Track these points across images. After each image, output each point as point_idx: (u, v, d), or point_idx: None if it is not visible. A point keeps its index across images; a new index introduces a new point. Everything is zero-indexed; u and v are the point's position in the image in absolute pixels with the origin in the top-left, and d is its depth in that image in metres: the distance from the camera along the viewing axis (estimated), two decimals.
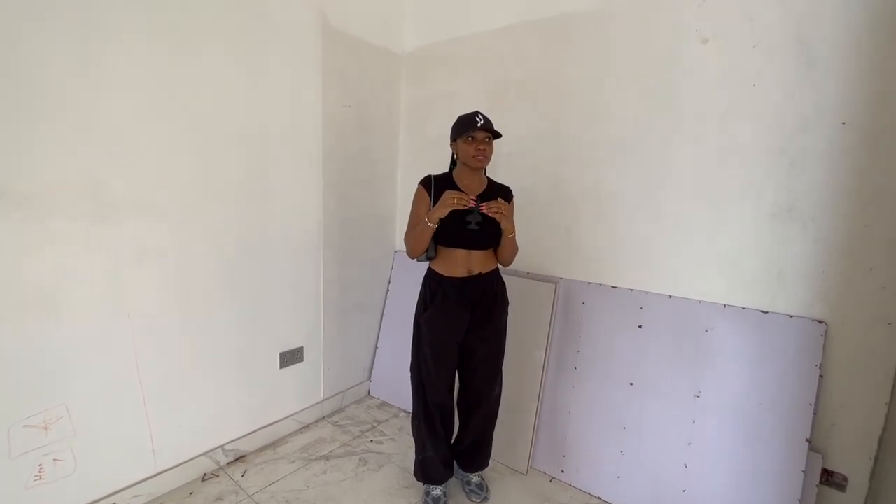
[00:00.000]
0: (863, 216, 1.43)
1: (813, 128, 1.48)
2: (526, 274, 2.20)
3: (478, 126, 1.54)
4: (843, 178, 1.45)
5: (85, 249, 1.49)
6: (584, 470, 1.96)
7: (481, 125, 1.54)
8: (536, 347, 2.08)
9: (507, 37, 2.17)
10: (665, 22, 1.73)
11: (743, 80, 1.59)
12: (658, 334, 1.83)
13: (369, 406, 2.60)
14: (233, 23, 1.79)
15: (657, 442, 1.80)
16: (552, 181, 2.10)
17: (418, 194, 1.69)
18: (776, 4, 1.51)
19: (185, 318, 1.78)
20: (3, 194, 1.31)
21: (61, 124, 1.40)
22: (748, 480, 1.60)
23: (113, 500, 1.63)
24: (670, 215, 1.79)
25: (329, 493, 1.85)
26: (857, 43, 1.39)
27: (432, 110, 2.52)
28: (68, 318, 1.48)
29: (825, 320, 1.51)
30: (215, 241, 1.84)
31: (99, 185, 1.50)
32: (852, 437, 1.50)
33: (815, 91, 1.47)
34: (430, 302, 1.68)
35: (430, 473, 1.79)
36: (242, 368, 2.02)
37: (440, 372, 1.70)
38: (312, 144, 2.17)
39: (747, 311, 1.64)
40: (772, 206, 1.57)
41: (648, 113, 1.80)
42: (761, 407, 1.60)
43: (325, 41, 2.15)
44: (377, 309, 2.70)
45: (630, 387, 1.88)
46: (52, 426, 1.46)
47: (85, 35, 1.42)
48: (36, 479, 1.44)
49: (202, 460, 1.90)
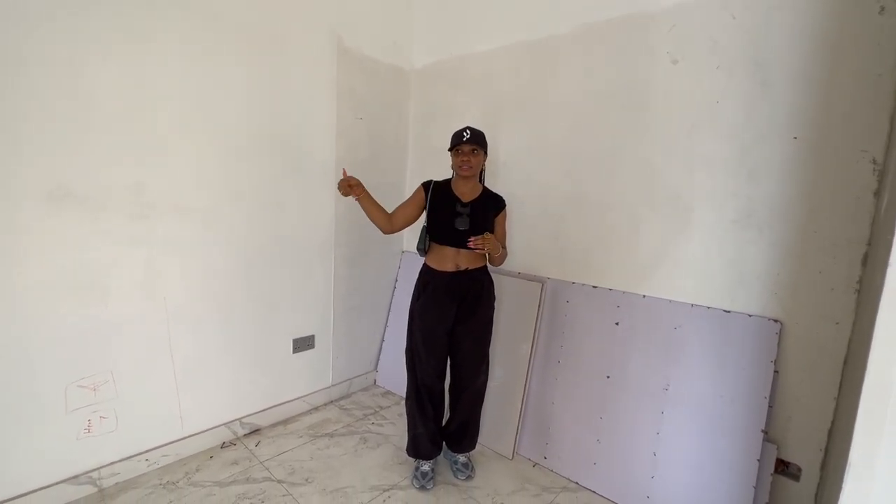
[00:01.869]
0: (812, 223, 1.55)
1: (768, 141, 1.61)
2: (517, 274, 2.38)
3: (464, 140, 1.75)
4: (795, 187, 1.57)
5: (128, 242, 1.78)
6: (564, 456, 2.10)
7: (467, 139, 1.74)
8: (524, 341, 2.25)
9: (503, 56, 2.37)
10: (640, 43, 1.89)
11: (708, 98, 1.73)
12: (632, 331, 1.97)
13: (374, 394, 2.82)
14: (256, 45, 2.07)
15: (630, 431, 1.93)
16: (541, 189, 2.27)
17: (416, 191, 1.93)
18: (735, 28, 1.65)
19: (210, 303, 2.06)
20: (67, 195, 1.61)
21: (111, 136, 1.70)
22: (709, 468, 1.72)
23: (146, 456, 1.91)
24: (644, 220, 1.94)
25: (330, 464, 2.08)
26: (806, 64, 1.52)
27: (437, 122, 2.74)
28: (114, 300, 1.77)
29: (780, 319, 1.63)
30: (237, 237, 2.12)
31: (140, 188, 1.79)
32: (806, 429, 1.60)
33: (770, 108, 1.60)
34: (422, 293, 1.89)
35: (420, 449, 1.98)
36: (259, 351, 2.28)
37: (429, 356, 1.90)
38: (326, 153, 2.43)
39: (712, 310, 1.77)
40: (733, 213, 1.70)
41: (625, 127, 1.96)
42: (722, 400, 1.72)
43: (340, 60, 2.41)
44: (384, 305, 2.93)
45: (607, 379, 2.02)
46: (99, 388, 1.75)
47: (132, 59, 1.71)
48: (85, 432, 1.73)
49: (222, 430, 2.17)
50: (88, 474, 1.76)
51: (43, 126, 1.54)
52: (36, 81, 1.51)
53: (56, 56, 1.54)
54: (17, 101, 1.48)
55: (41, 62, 1.52)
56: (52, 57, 1.54)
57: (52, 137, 1.57)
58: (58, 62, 1.55)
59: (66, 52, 1.56)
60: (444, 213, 1.83)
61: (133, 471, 1.88)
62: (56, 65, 1.55)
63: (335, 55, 2.39)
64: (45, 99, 1.54)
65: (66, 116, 1.59)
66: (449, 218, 1.82)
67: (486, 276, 1.95)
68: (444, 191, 1.88)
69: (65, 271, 1.64)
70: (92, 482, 1.77)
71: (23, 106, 1.50)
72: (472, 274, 1.88)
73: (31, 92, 1.51)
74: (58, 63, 1.55)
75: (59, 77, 1.56)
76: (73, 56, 1.58)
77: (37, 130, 1.53)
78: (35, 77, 1.51)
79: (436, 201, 1.86)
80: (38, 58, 1.51)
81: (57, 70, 1.55)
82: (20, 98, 1.49)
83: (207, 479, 1.92)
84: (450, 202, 1.84)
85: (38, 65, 1.51)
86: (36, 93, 1.52)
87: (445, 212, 1.83)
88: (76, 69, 1.59)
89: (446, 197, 1.86)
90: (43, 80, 1.53)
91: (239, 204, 2.10)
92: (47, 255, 1.59)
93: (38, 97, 1.52)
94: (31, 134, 1.52)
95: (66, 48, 1.56)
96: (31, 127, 1.52)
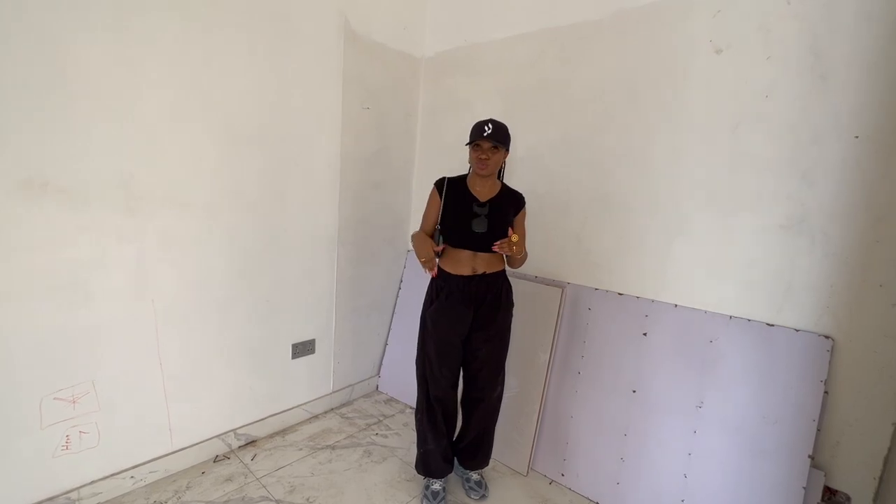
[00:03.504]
0: (874, 231, 1.41)
1: (825, 141, 1.46)
2: (534, 278, 2.23)
3: (484, 135, 1.58)
4: (854, 192, 1.43)
5: (115, 239, 1.60)
6: (583, 474, 1.97)
7: (488, 134, 1.58)
8: (541, 350, 2.10)
9: (524, 44, 2.21)
10: (679, 31, 1.74)
11: (756, 91, 1.58)
12: (662, 343, 1.83)
13: (377, 401, 2.66)
14: (257, 27, 1.88)
15: (658, 450, 1.80)
16: (563, 187, 2.12)
17: (431, 196, 1.76)
18: (791, 17, 1.50)
19: (204, 306, 1.88)
20: (43, 185, 1.43)
21: (98, 123, 1.51)
22: (747, 494, 1.59)
23: (132, 473, 1.74)
24: (679, 224, 1.79)
25: (333, 480, 1.92)
26: (873, 57, 1.37)
27: (449, 114, 2.57)
28: (98, 302, 1.59)
29: (832, 335, 1.49)
30: (235, 235, 1.94)
31: (129, 180, 1.61)
32: (857, 455, 1.47)
33: (829, 104, 1.45)
34: (436, 298, 1.74)
35: (431, 467, 1.83)
36: (256, 357, 2.11)
37: (442, 367, 1.75)
38: (331, 146, 2.25)
39: (753, 323, 1.63)
40: (782, 218, 1.56)
41: (660, 122, 1.81)
42: (764, 420, 1.58)
43: (347, 45, 2.23)
44: (388, 307, 2.77)
45: (633, 394, 1.88)
46: (79, 400, 1.58)
47: (121, 40, 1.53)
48: (63, 449, 1.56)
49: (215, 442, 2.00)
50: (67, 495, 1.59)
51: (20, 108, 1.35)
52: (14, 59, 1.32)
53: (39, 34, 1.35)
54: None
55: (20, 38, 1.32)
56: (35, 35, 1.35)
57: (30, 122, 1.38)
58: (40, 41, 1.36)
59: (49, 30, 1.37)
60: (461, 213, 1.67)
61: (117, 489, 1.71)
62: (32, 36, 1.35)
63: (342, 39, 2.20)
64: (23, 78, 1.35)
65: (46, 98, 1.40)
66: (465, 219, 1.66)
67: (505, 281, 1.80)
68: (459, 189, 1.72)
69: (41, 270, 1.46)
70: (70, 503, 1.60)
71: None
72: (489, 278, 1.72)
73: (8, 70, 1.32)
74: (33, 34, 1.35)
75: (39, 56, 1.37)
76: (56, 35, 1.39)
77: (13, 113, 1.34)
78: (14, 55, 1.32)
79: (450, 200, 1.70)
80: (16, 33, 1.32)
81: (32, 43, 1.36)
82: None
83: (199, 497, 1.76)
84: (466, 202, 1.68)
85: (16, 40, 1.32)
86: (13, 72, 1.33)
87: (462, 212, 1.67)
88: (60, 49, 1.40)
89: (462, 196, 1.70)
90: (22, 58, 1.34)
91: (236, 198, 1.92)
92: (20, 253, 1.41)
93: (15, 77, 1.33)
94: (6, 117, 1.33)
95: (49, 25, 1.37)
96: (7, 109, 1.33)
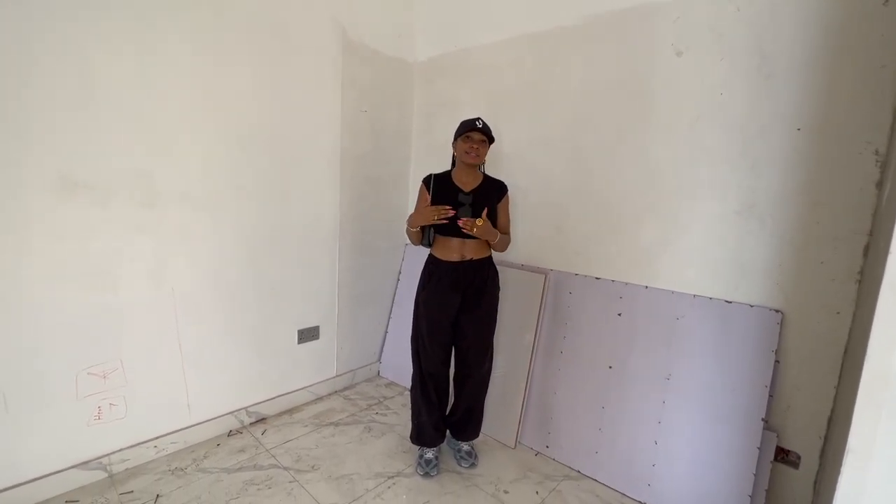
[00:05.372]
0: (814, 214, 1.56)
1: (771, 133, 1.62)
2: (520, 266, 2.39)
3: (477, 127, 1.76)
4: (797, 178, 1.58)
5: (136, 231, 1.80)
6: (566, 445, 2.13)
7: (479, 128, 1.76)
8: (527, 332, 2.27)
9: (506, 49, 2.38)
10: (645, 35, 1.90)
11: (712, 90, 1.74)
12: (635, 322, 1.99)
13: (378, 384, 2.85)
14: (262, 36, 2.07)
15: (631, 420, 1.96)
16: (544, 181, 2.28)
17: (420, 192, 1.94)
18: (740, 20, 1.66)
19: (217, 293, 2.08)
20: (75, 184, 1.63)
21: (119, 125, 1.71)
22: (710, 457, 1.75)
23: (154, 443, 1.94)
24: (646, 211, 1.95)
25: (335, 452, 2.11)
26: (810, 56, 1.53)
27: (440, 115, 2.75)
28: (123, 289, 1.79)
29: (781, 309, 1.64)
30: (244, 228, 2.13)
31: (148, 178, 1.80)
32: (805, 418, 1.63)
33: (774, 100, 1.60)
34: (428, 283, 1.91)
35: (424, 437, 2.01)
36: (265, 341, 2.30)
37: (433, 344, 1.93)
38: (331, 145, 2.44)
39: (714, 300, 1.79)
40: (736, 204, 1.71)
41: (628, 118, 1.97)
42: (723, 389, 1.74)
43: (345, 52, 2.41)
44: (388, 297, 2.95)
45: (609, 370, 2.04)
46: (109, 375, 1.78)
47: (141, 50, 1.72)
48: (95, 419, 1.76)
49: (229, 418, 2.20)
50: (99, 460, 1.79)
51: (54, 116, 1.56)
52: (46, 72, 1.52)
53: (66, 48, 1.55)
54: (27, 93, 1.50)
55: (51, 52, 1.53)
56: (63, 48, 1.55)
57: (62, 127, 1.58)
58: (68, 54, 1.56)
59: (76, 43, 1.57)
60: (447, 204, 1.84)
61: (142, 457, 1.91)
62: (66, 56, 1.56)
63: (340, 47, 2.39)
64: (55, 90, 1.55)
65: (76, 106, 1.60)
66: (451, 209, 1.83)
67: (492, 267, 1.96)
68: (444, 182, 1.89)
69: (73, 258, 1.66)
70: (102, 468, 1.80)
71: (33, 96, 1.51)
72: (476, 264, 1.89)
73: (42, 82, 1.52)
74: (68, 54, 1.56)
75: (69, 68, 1.57)
76: (83, 47, 1.59)
77: (47, 121, 1.55)
78: (46, 67, 1.52)
79: (437, 193, 1.87)
80: (48, 48, 1.52)
81: (67, 61, 1.56)
82: (31, 89, 1.50)
83: (215, 465, 1.95)
84: (451, 192, 1.85)
85: (48, 54, 1.52)
86: (46, 83, 1.53)
87: (448, 203, 1.84)
88: (86, 60, 1.60)
89: (447, 188, 1.87)
90: (53, 71, 1.54)
91: (245, 194, 2.11)
92: (56, 242, 1.61)
93: (48, 88, 1.54)
94: (42, 124, 1.54)
95: (76, 40, 1.57)
96: (42, 117, 1.53)
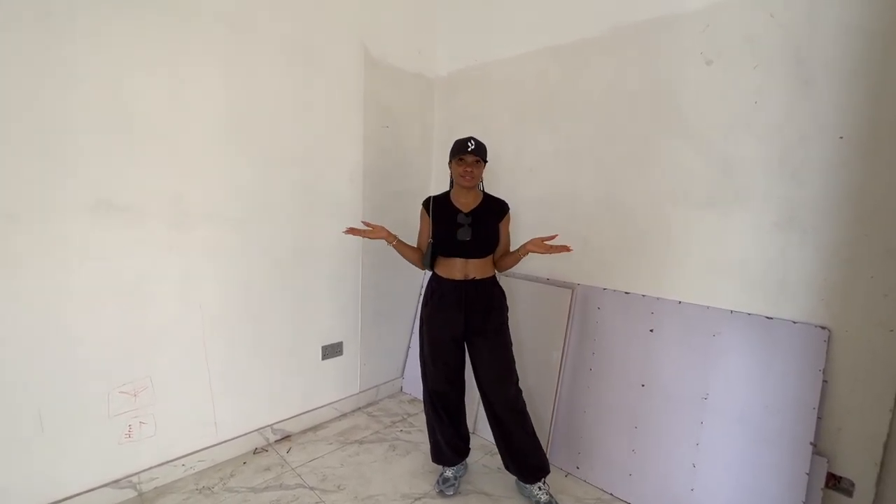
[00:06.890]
0: (862, 226, 1.48)
1: (812, 142, 1.55)
2: (546, 280, 2.35)
3: (468, 151, 1.73)
4: (841, 189, 1.51)
5: (167, 250, 1.83)
6: (597, 467, 2.06)
7: (471, 149, 1.73)
8: (554, 349, 2.21)
9: (529, 62, 2.36)
10: (672, 45, 1.86)
11: (745, 98, 1.68)
12: (668, 338, 1.91)
13: (401, 401, 2.82)
14: (287, 60, 2.11)
15: (667, 442, 1.87)
16: (569, 194, 2.24)
17: (421, 216, 1.93)
18: (776, 27, 1.60)
19: (243, 311, 2.09)
20: (109, 206, 1.67)
21: (153, 148, 1.75)
22: (753, 481, 1.65)
23: (182, 461, 1.95)
24: (679, 224, 1.89)
25: (361, 471, 2.08)
26: (852, 60, 1.46)
27: (461, 129, 2.73)
28: (154, 307, 1.81)
29: (828, 326, 1.56)
30: (269, 246, 2.15)
31: (178, 198, 1.84)
32: (858, 442, 1.52)
33: (814, 107, 1.54)
34: (430, 300, 1.88)
35: (442, 456, 1.97)
36: (290, 357, 2.31)
37: (437, 361, 1.88)
38: (353, 162, 2.45)
39: (753, 316, 1.71)
40: (774, 216, 1.64)
41: (656, 129, 1.92)
42: (766, 410, 1.65)
43: (367, 71, 2.44)
44: (410, 312, 2.93)
45: (642, 388, 1.97)
46: (139, 394, 1.80)
47: (174, 74, 1.77)
48: (126, 437, 1.78)
49: (254, 436, 2.19)
50: (129, 478, 1.80)
51: (90, 140, 1.60)
52: (84, 97, 1.58)
53: (103, 73, 1.61)
54: (66, 117, 1.55)
55: (89, 78, 1.58)
56: (100, 74, 1.60)
57: (99, 150, 1.63)
58: (105, 79, 1.61)
59: (112, 68, 1.62)
60: (446, 225, 1.80)
61: (170, 475, 1.92)
62: (103, 81, 1.61)
63: (362, 66, 2.42)
64: (92, 114, 1.60)
65: (112, 129, 1.65)
66: (451, 230, 1.79)
67: (496, 286, 1.89)
68: (443, 203, 1.86)
69: (107, 278, 1.69)
70: (132, 486, 1.81)
71: (71, 120, 1.56)
72: (479, 284, 1.83)
73: (80, 107, 1.57)
74: (105, 79, 1.61)
75: (106, 93, 1.62)
76: (119, 73, 1.64)
77: (84, 144, 1.59)
78: (84, 93, 1.57)
79: (437, 215, 1.84)
80: (86, 74, 1.57)
81: (104, 86, 1.61)
82: (71, 115, 1.55)
83: (242, 484, 1.95)
84: (451, 214, 1.82)
85: (86, 81, 1.57)
86: (84, 108, 1.58)
87: (447, 224, 1.80)
88: (122, 86, 1.65)
89: (447, 209, 1.84)
90: (90, 96, 1.59)
91: (271, 213, 2.14)
92: (91, 262, 1.65)
93: (86, 112, 1.59)
94: (78, 148, 1.58)
95: (112, 65, 1.62)
96: (79, 141, 1.58)
